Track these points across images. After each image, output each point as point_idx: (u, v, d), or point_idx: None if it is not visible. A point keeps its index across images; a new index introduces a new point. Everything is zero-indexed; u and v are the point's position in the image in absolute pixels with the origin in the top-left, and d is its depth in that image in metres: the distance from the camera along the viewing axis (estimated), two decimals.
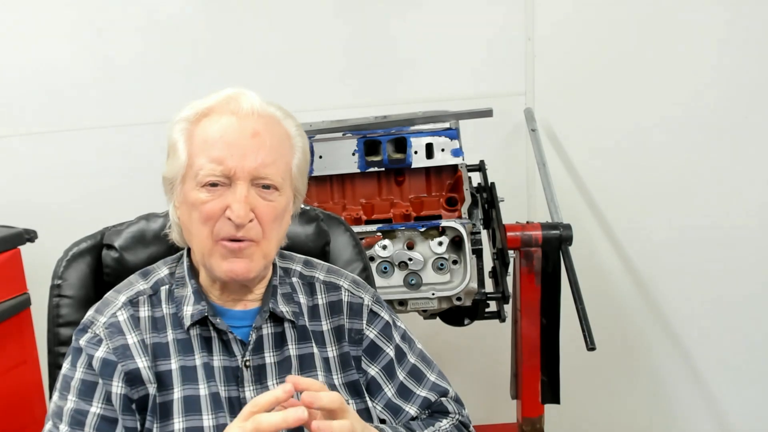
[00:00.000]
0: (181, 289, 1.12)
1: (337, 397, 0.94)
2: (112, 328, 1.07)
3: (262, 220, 1.05)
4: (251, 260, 1.06)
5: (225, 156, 1.03)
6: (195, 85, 2.29)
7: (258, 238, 1.05)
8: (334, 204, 1.86)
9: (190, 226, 1.07)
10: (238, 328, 1.10)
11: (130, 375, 1.05)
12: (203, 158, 1.04)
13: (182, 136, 1.07)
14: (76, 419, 1.04)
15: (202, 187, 1.04)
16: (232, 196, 1.03)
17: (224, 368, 1.08)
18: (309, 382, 0.95)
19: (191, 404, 1.05)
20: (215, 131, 1.04)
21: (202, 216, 1.04)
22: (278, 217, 1.07)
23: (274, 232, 1.07)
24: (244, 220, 1.02)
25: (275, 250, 1.11)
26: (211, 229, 1.04)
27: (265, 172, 1.04)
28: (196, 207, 1.05)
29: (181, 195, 1.08)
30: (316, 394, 0.92)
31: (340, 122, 1.93)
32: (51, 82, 2.36)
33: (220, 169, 1.03)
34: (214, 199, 1.04)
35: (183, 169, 1.06)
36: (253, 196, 1.04)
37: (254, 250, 1.05)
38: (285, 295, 1.14)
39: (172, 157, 1.08)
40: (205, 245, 1.06)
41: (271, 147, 1.05)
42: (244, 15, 2.33)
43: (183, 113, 1.08)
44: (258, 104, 1.07)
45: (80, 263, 1.28)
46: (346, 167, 1.82)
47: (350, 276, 1.22)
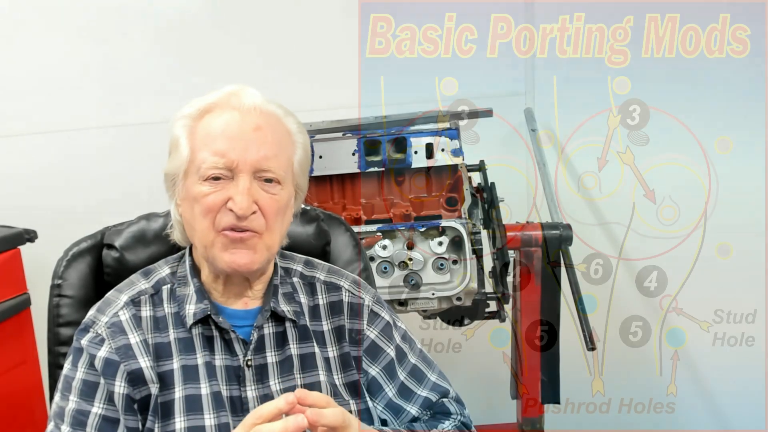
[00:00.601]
0: (183, 288, 1.12)
1: (340, 413, 0.95)
2: (114, 328, 1.07)
3: (265, 212, 1.05)
4: (254, 251, 1.06)
5: (227, 149, 1.03)
6: (196, 84, 2.26)
7: (261, 230, 1.05)
8: (334, 204, 1.86)
9: (192, 221, 1.07)
10: (239, 328, 1.10)
11: (133, 375, 1.05)
12: (205, 152, 1.04)
13: (184, 132, 1.07)
14: (78, 419, 1.04)
15: (204, 180, 1.04)
16: (235, 189, 1.03)
17: (226, 367, 1.08)
18: (315, 398, 0.95)
19: (193, 403, 1.05)
20: (218, 125, 1.05)
21: (204, 208, 1.04)
22: (281, 210, 1.07)
23: (278, 224, 1.08)
24: (246, 211, 1.03)
25: (278, 244, 1.11)
26: (212, 221, 1.05)
27: (267, 164, 1.04)
28: (198, 200, 1.05)
29: (183, 190, 1.08)
30: (321, 412, 0.93)
31: (340, 122, 1.93)
32: (51, 81, 2.36)
33: (222, 162, 1.03)
34: (216, 191, 1.04)
35: (185, 164, 1.06)
36: (256, 188, 1.05)
37: (257, 241, 1.06)
38: (286, 294, 1.14)
39: (174, 152, 1.08)
40: (206, 236, 1.06)
41: (273, 141, 1.06)
42: (246, 15, 2.33)
43: (185, 110, 1.09)
44: (260, 100, 1.08)
45: (80, 263, 1.28)
46: (346, 167, 1.82)
47: (351, 276, 1.22)
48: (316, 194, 1.85)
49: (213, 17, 2.34)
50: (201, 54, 2.34)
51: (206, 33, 2.34)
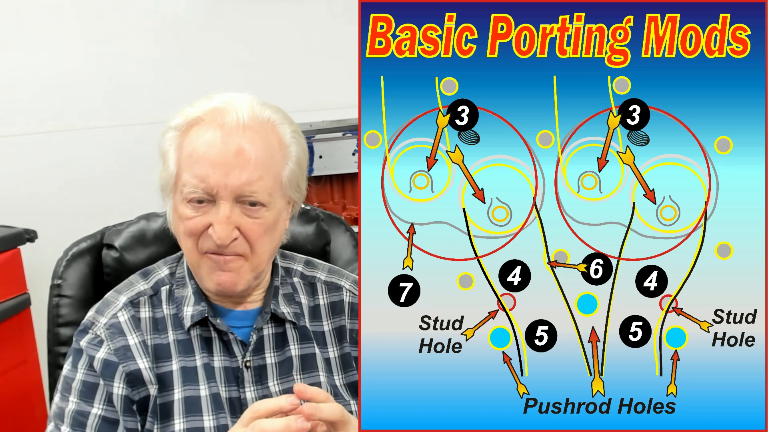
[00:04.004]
0: (181, 289, 1.11)
1: (338, 409, 0.94)
2: (113, 329, 1.07)
3: (248, 237, 1.03)
4: (238, 274, 1.05)
5: (208, 173, 1.01)
6: (197, 84, 2.29)
7: (245, 253, 1.04)
8: (334, 204, 1.86)
9: (179, 237, 1.07)
10: (238, 329, 1.10)
11: (132, 376, 1.05)
12: (188, 174, 1.03)
13: (172, 146, 1.06)
14: (78, 420, 1.04)
15: (188, 202, 1.03)
16: (215, 216, 1.02)
17: (225, 369, 1.08)
18: (314, 392, 0.94)
19: (192, 405, 1.05)
20: (200, 146, 1.02)
21: (187, 230, 1.04)
22: (267, 231, 1.05)
23: (264, 246, 1.06)
24: (225, 241, 1.01)
25: (267, 262, 1.09)
26: (195, 243, 1.04)
27: (249, 189, 1.02)
28: (182, 221, 1.05)
29: (172, 203, 1.08)
30: (318, 406, 0.92)
31: (340, 122, 1.93)
32: (51, 81, 2.36)
33: (202, 187, 1.01)
34: (198, 216, 1.03)
35: (173, 180, 1.06)
36: (238, 214, 1.02)
37: (241, 263, 1.05)
38: (286, 295, 1.14)
39: (164, 165, 1.07)
40: (192, 257, 1.06)
41: (257, 163, 1.02)
42: (246, 15, 2.33)
43: (174, 121, 1.06)
44: (247, 115, 1.03)
45: (80, 263, 1.28)
46: (346, 167, 1.83)
47: (351, 276, 1.21)
48: (316, 194, 1.85)
49: (213, 17, 2.34)
50: (201, 54, 2.34)
51: (206, 33, 2.34)
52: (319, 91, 2.33)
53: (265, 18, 2.33)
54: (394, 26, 0.92)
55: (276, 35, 2.33)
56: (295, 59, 2.33)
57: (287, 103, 1.13)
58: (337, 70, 2.33)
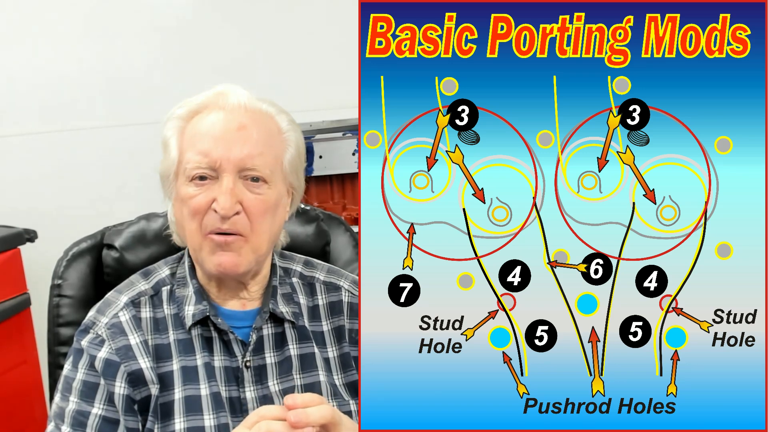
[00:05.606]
0: (182, 289, 1.12)
1: (328, 411, 0.92)
2: (115, 329, 1.07)
3: (249, 212, 1.04)
4: (239, 254, 1.05)
5: (210, 148, 1.03)
6: (196, 84, 2.28)
7: (246, 232, 1.05)
8: (334, 204, 1.86)
9: (183, 222, 1.07)
10: (238, 329, 1.10)
11: (133, 376, 1.05)
12: (191, 152, 1.04)
13: (174, 133, 1.07)
14: (78, 420, 1.04)
15: (190, 181, 1.04)
16: (219, 189, 1.03)
17: (225, 368, 1.08)
18: (306, 400, 0.92)
19: (192, 404, 1.05)
20: (204, 126, 1.05)
21: (191, 210, 1.05)
22: (268, 210, 1.06)
23: (265, 226, 1.07)
24: (229, 211, 1.02)
25: (267, 246, 1.10)
26: (199, 223, 1.05)
27: (252, 163, 1.04)
28: (185, 202, 1.05)
29: (174, 191, 1.08)
30: (304, 411, 0.90)
31: (340, 122, 1.93)
32: (51, 81, 2.36)
33: (205, 161, 1.03)
34: (202, 192, 1.04)
35: (175, 165, 1.07)
36: (240, 188, 1.04)
37: (242, 244, 1.05)
38: (285, 295, 1.14)
39: (165, 153, 1.09)
40: (195, 240, 1.06)
41: (258, 140, 1.05)
42: (246, 14, 2.33)
43: (176, 111, 1.09)
44: (246, 99, 1.07)
45: (80, 263, 1.28)
46: (346, 167, 1.83)
47: (351, 276, 1.22)
48: (316, 194, 1.86)
49: (213, 17, 2.34)
50: (201, 54, 2.34)
51: (206, 33, 2.34)
52: (319, 91, 2.33)
53: (265, 18, 2.33)
54: (394, 26, 0.92)
55: (276, 35, 2.33)
56: (295, 59, 2.33)
57: (287, 103, 1.13)
58: (337, 70, 2.33)
